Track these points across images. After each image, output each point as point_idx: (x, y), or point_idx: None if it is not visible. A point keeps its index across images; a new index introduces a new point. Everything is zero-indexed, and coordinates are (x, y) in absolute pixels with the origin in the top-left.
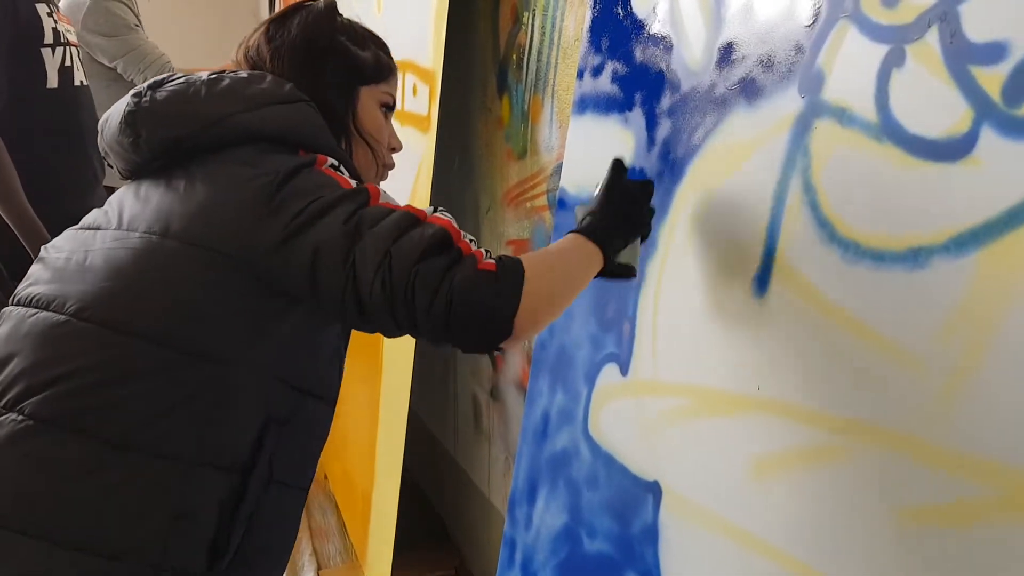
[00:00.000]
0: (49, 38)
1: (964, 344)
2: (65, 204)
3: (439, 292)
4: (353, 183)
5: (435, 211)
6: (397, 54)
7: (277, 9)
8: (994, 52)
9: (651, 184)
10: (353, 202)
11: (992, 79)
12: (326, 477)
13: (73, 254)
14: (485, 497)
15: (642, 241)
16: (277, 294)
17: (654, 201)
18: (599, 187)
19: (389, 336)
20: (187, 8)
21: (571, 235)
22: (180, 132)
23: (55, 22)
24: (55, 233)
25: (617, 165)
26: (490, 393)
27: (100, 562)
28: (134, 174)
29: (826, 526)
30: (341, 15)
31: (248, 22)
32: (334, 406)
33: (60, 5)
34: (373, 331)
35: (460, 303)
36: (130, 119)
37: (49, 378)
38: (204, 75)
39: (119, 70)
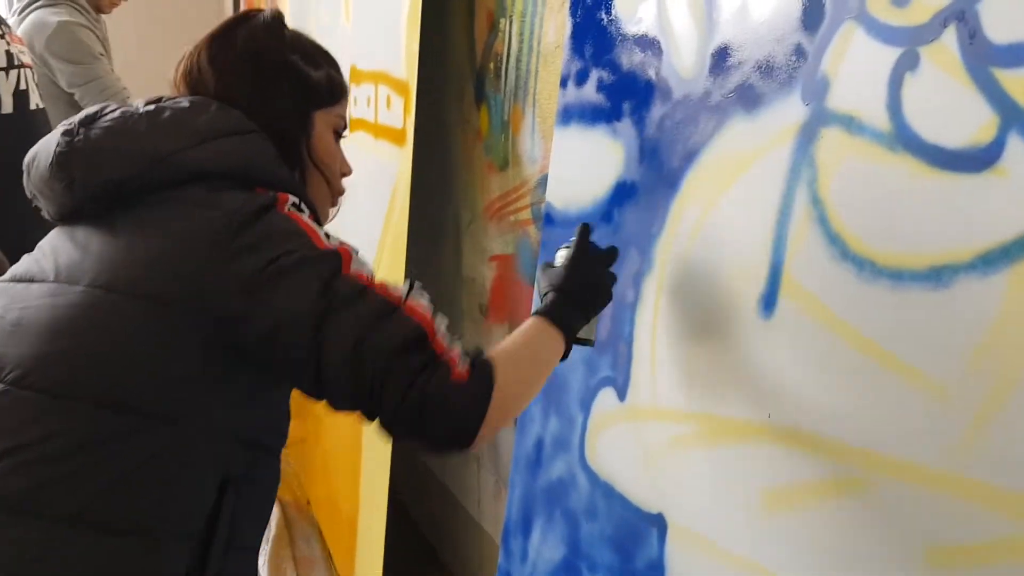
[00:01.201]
0: (2, 61)
1: (994, 370)
2: (24, 231)
3: (408, 396)
4: (321, 233)
5: (411, 289)
6: (369, 64)
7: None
8: (1019, 54)
9: (616, 252)
10: (326, 268)
11: (1018, 83)
12: (308, 503)
13: (7, 312)
14: (475, 521)
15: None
16: (232, 348)
17: (646, 218)
18: (566, 253)
19: (335, 409)
20: (153, 31)
21: (536, 320)
22: (120, 174)
23: (7, 44)
24: (12, 261)
25: (584, 231)
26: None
27: None
28: (67, 218)
29: (843, 563)
30: (287, 28)
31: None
32: (279, 457)
33: (22, 26)
34: (325, 405)
35: (430, 412)
36: (62, 160)
37: None
38: (141, 105)
39: (76, 98)
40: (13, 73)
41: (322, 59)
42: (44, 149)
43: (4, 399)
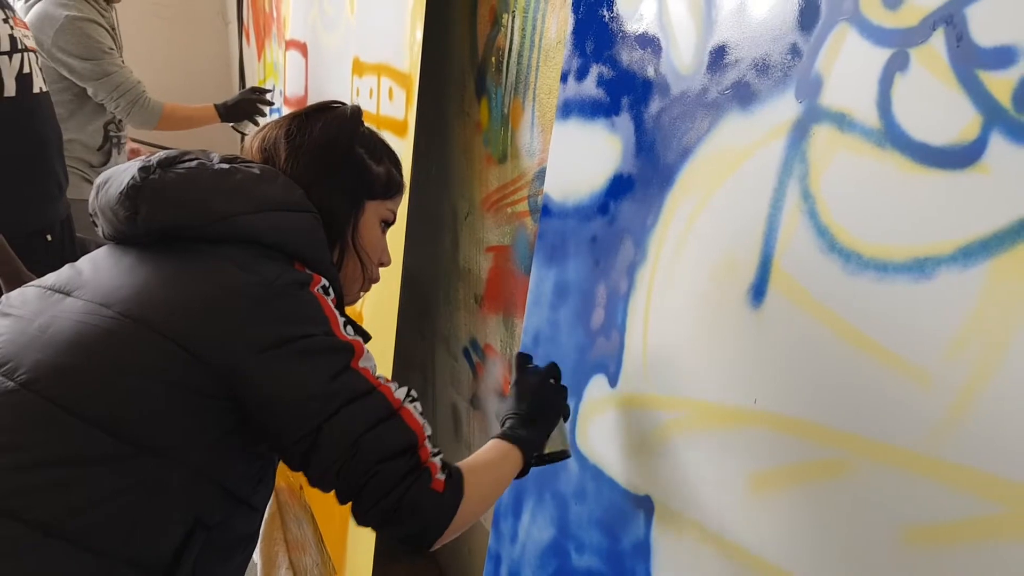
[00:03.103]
0: (6, 45)
1: (974, 358)
2: (27, 216)
3: (389, 496)
4: (341, 322)
5: (407, 396)
6: (372, 57)
7: (245, 17)
8: (1003, 57)
9: (555, 367)
10: (338, 360)
11: (1002, 85)
12: (302, 487)
13: (37, 317)
14: None
15: (565, 420)
16: (232, 400)
17: (641, 211)
18: (512, 385)
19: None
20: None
21: (496, 442)
22: (181, 221)
23: (11, 28)
24: (17, 247)
25: (520, 360)
26: (470, 402)
27: None
28: (119, 240)
29: (826, 544)
30: (363, 124)
31: (216, 25)
32: (263, 514)
33: (27, 18)
34: (304, 475)
35: (404, 514)
36: (132, 193)
37: None
38: (216, 160)
39: (89, 92)
40: (17, 57)
41: (386, 156)
42: (117, 177)
43: (12, 398)
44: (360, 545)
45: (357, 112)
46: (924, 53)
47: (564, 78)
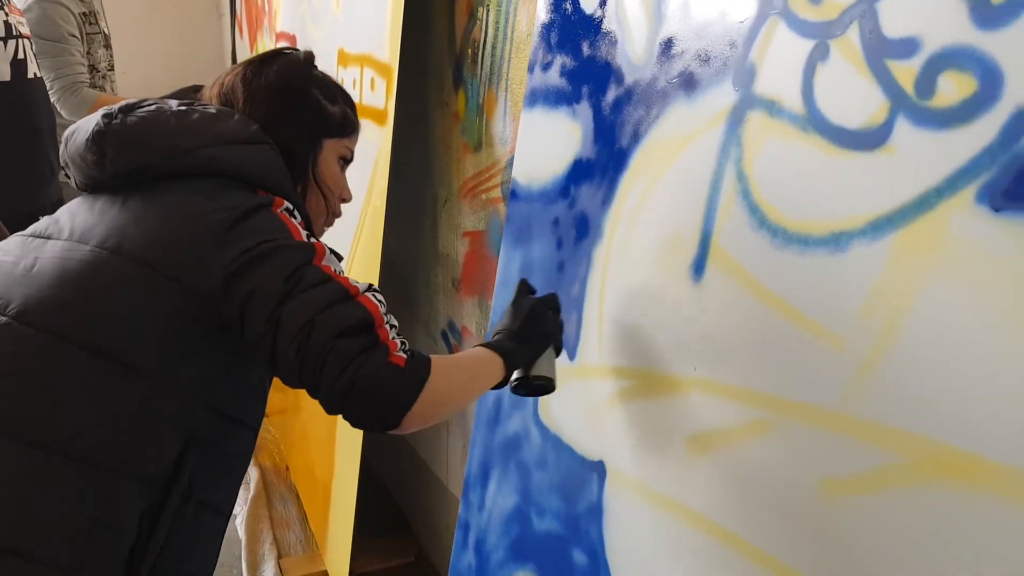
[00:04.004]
0: (1, 31)
1: (880, 322)
2: (22, 198)
3: (345, 372)
4: (303, 233)
5: (367, 290)
6: (356, 48)
7: (238, 10)
8: (908, 47)
9: (555, 297)
10: (299, 256)
11: (906, 72)
12: (287, 468)
13: (21, 259)
14: (443, 485)
15: (556, 353)
16: (211, 321)
17: (598, 193)
18: (508, 305)
19: (288, 385)
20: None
21: (477, 347)
22: (146, 158)
23: (6, 14)
24: (10, 227)
25: (521, 287)
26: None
27: (18, 563)
28: (91, 188)
29: (755, 498)
30: (317, 67)
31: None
32: (256, 433)
33: None
34: (276, 375)
35: (361, 388)
36: (98, 138)
37: None
38: (174, 104)
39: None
40: (11, 43)
41: (340, 97)
42: (84, 125)
43: (5, 331)
44: (341, 522)
45: (310, 56)
46: (842, 44)
47: (531, 69)
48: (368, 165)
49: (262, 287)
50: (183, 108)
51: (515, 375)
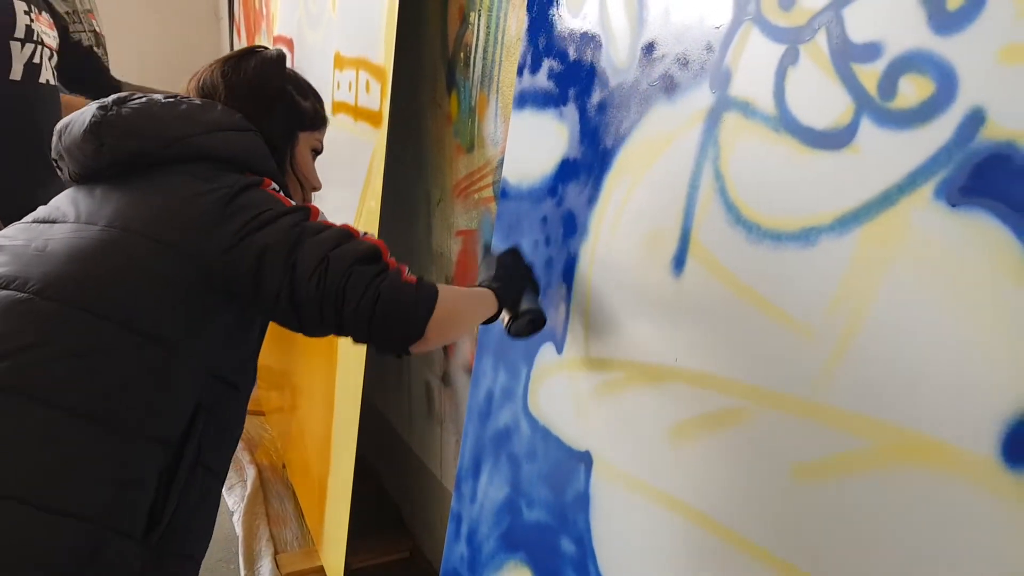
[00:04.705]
0: (20, 32)
1: (847, 314)
2: (17, 196)
3: (368, 289)
4: (293, 203)
5: (365, 235)
6: (351, 51)
7: (237, 14)
8: (871, 51)
9: (517, 249)
10: (297, 215)
11: (869, 75)
12: (284, 466)
13: (31, 241)
14: (438, 480)
15: (536, 293)
16: (219, 290)
17: (584, 192)
18: (480, 263)
19: (310, 333)
20: (149, 15)
21: (473, 285)
22: (145, 145)
23: (31, 20)
24: (6, 222)
25: (486, 249)
26: (441, 379)
27: (52, 519)
28: (85, 179)
29: (731, 484)
30: (288, 66)
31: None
32: (248, 401)
33: None
34: (298, 326)
35: (385, 301)
36: (95, 128)
37: (9, 349)
38: (161, 97)
39: None
40: (29, 46)
41: (311, 94)
42: (79, 118)
43: (27, 306)
44: (337, 519)
45: (282, 55)
46: (811, 48)
47: (520, 71)
48: (363, 166)
49: (271, 243)
50: (171, 100)
51: (505, 317)
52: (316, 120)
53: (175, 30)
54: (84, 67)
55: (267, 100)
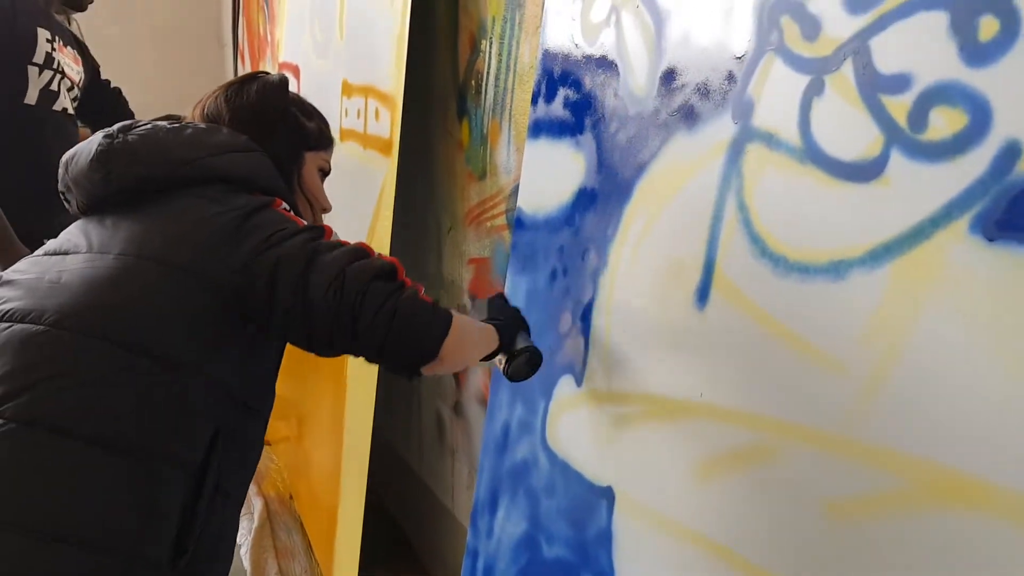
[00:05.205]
0: (39, 59)
1: (882, 348)
2: (29, 220)
3: (386, 304)
4: (305, 223)
5: (379, 255)
6: (359, 79)
7: (240, 40)
8: (900, 82)
9: (502, 295)
10: (311, 233)
11: (899, 107)
12: (291, 497)
13: (45, 274)
14: (450, 512)
15: (527, 331)
16: (234, 312)
17: (603, 222)
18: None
19: (319, 351)
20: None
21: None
22: (153, 170)
23: (52, 49)
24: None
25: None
26: (453, 409)
27: (81, 553)
28: (93, 209)
29: (762, 521)
30: (290, 89)
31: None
32: (266, 424)
33: None
34: (308, 343)
35: (402, 316)
36: (102, 157)
37: (29, 382)
38: (166, 124)
39: None
40: (47, 73)
41: (315, 115)
42: (85, 148)
43: (44, 337)
44: (346, 550)
45: (285, 78)
46: (837, 79)
47: (535, 100)
48: (373, 194)
49: (286, 256)
50: (176, 125)
51: (501, 360)
52: (322, 140)
53: (177, 57)
54: (111, 107)
55: (271, 122)
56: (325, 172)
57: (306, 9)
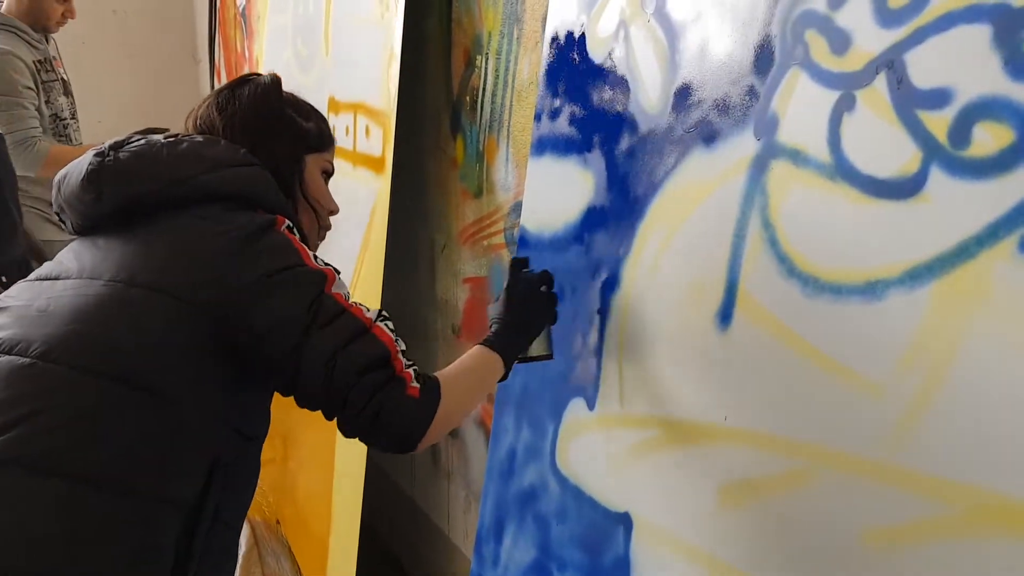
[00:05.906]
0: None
1: (925, 370)
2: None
3: (368, 406)
4: (311, 255)
5: (378, 318)
6: (347, 95)
7: (216, 56)
8: (939, 97)
9: (548, 275)
10: (314, 286)
11: (938, 123)
12: (278, 522)
13: (33, 301)
14: (445, 535)
15: (552, 322)
16: (226, 341)
17: (614, 241)
18: (503, 289)
19: (301, 407)
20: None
21: (478, 348)
22: (145, 189)
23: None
24: None
25: (514, 265)
26: (449, 431)
27: None
28: (87, 230)
29: (792, 549)
30: (283, 89)
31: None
32: (261, 448)
33: None
34: (293, 398)
35: (384, 420)
36: (93, 177)
37: (15, 418)
38: (161, 138)
39: None
40: None
41: (313, 114)
42: (75, 168)
43: (30, 370)
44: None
45: (277, 79)
46: (869, 94)
47: (538, 117)
48: (364, 213)
49: (283, 317)
50: (171, 140)
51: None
52: (322, 140)
53: (149, 73)
54: None
55: (267, 127)
56: (329, 173)
57: (288, 24)
